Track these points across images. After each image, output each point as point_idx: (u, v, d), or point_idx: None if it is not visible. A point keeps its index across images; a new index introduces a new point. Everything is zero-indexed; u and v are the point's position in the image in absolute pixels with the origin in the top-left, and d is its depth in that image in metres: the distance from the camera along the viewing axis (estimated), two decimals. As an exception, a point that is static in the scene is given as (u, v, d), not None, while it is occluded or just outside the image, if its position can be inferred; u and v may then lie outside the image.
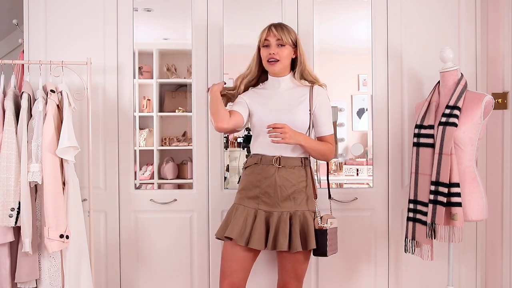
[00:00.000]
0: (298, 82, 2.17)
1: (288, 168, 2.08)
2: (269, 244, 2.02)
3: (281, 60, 2.09)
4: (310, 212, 2.10)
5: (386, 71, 2.57)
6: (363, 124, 2.66)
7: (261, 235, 2.03)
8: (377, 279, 2.59)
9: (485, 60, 2.58)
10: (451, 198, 2.10)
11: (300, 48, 2.14)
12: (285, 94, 2.15)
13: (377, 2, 2.56)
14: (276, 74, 2.15)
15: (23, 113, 2.16)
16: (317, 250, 2.06)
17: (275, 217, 2.05)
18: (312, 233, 2.04)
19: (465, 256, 2.59)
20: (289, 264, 2.09)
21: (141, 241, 2.55)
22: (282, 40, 2.08)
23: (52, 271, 2.21)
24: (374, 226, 2.58)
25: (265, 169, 2.08)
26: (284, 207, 2.06)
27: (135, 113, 2.56)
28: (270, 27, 2.11)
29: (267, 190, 2.07)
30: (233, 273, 2.07)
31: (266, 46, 2.11)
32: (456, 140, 2.12)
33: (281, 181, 2.06)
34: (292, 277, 2.11)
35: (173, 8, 2.60)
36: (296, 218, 2.05)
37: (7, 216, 2.09)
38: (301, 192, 2.09)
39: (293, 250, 2.01)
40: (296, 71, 2.16)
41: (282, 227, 2.03)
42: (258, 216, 2.06)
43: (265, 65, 2.14)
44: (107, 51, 2.53)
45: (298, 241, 2.01)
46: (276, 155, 2.08)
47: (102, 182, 2.53)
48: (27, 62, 2.32)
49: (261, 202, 2.08)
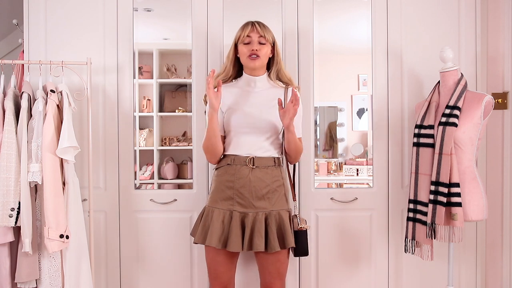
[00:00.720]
0: (274, 82, 2.17)
1: (261, 168, 2.08)
2: (245, 245, 2.01)
3: (261, 57, 2.08)
4: (286, 211, 2.09)
5: (386, 71, 2.57)
6: (363, 124, 2.66)
7: (237, 237, 2.02)
8: (377, 279, 2.59)
9: (485, 60, 2.58)
10: (451, 198, 2.10)
11: (277, 48, 2.15)
12: (260, 94, 2.14)
13: (377, 2, 2.56)
14: (253, 73, 2.14)
15: (23, 113, 2.16)
16: (298, 251, 2.07)
17: (250, 217, 2.04)
18: (289, 232, 2.04)
19: (465, 256, 2.59)
20: (271, 265, 2.07)
21: (141, 241, 2.55)
22: (264, 38, 2.08)
23: (52, 271, 2.21)
24: (374, 226, 2.58)
25: (239, 169, 2.07)
26: (259, 207, 2.05)
27: (135, 113, 2.56)
28: (253, 24, 2.10)
29: (241, 191, 2.06)
30: (220, 275, 2.10)
31: (247, 43, 2.09)
32: (456, 140, 2.12)
33: (255, 181, 2.06)
34: (276, 277, 2.09)
35: (173, 8, 2.60)
36: (272, 218, 2.04)
37: (7, 216, 2.09)
38: (275, 192, 2.08)
39: (271, 251, 2.00)
40: (272, 71, 2.16)
41: (257, 228, 2.02)
42: (234, 218, 2.05)
43: (244, 61, 2.11)
44: (107, 51, 2.53)
45: (276, 241, 2.01)
46: (250, 156, 2.08)
47: (102, 182, 2.53)
48: (27, 62, 2.32)
49: (236, 203, 2.06)
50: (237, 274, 2.43)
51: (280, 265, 2.08)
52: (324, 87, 2.60)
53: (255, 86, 2.15)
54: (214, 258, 2.09)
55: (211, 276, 2.13)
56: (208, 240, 2.03)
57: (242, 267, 2.51)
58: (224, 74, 2.18)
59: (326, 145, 2.70)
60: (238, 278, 2.49)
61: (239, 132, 2.09)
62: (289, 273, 2.55)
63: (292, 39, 2.54)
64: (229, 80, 2.20)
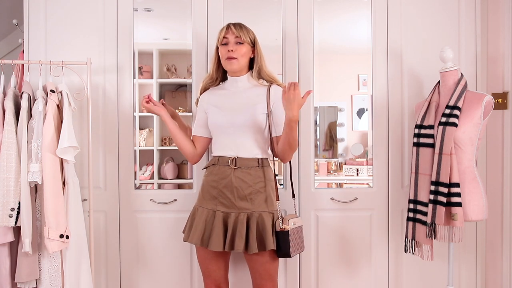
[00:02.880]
0: (256, 81, 2.18)
1: (244, 169, 2.08)
2: (227, 245, 2.02)
3: (238, 58, 2.09)
4: (269, 213, 2.08)
5: (386, 71, 2.57)
6: (363, 124, 2.66)
7: (219, 236, 2.03)
8: (377, 279, 2.59)
9: (485, 60, 2.58)
10: (451, 198, 2.10)
11: (258, 47, 2.15)
12: (243, 94, 2.15)
13: (377, 2, 2.56)
14: (234, 73, 2.16)
15: (23, 113, 2.16)
16: (280, 252, 2.05)
17: (232, 217, 2.05)
18: (270, 234, 2.02)
19: (465, 256, 2.59)
20: (260, 267, 2.07)
21: (141, 241, 2.55)
22: (240, 38, 2.09)
23: (52, 271, 2.21)
24: (374, 226, 2.58)
25: (222, 170, 2.09)
26: (241, 208, 2.05)
27: (135, 113, 2.56)
28: (228, 26, 2.12)
29: (224, 191, 2.07)
30: (212, 273, 2.15)
31: (224, 44, 2.11)
32: (456, 140, 2.12)
33: (237, 182, 2.06)
34: (267, 279, 2.09)
35: (173, 8, 2.60)
36: (253, 220, 2.04)
37: (7, 216, 2.09)
38: (258, 193, 2.08)
39: (249, 252, 2.01)
40: (253, 70, 2.17)
41: (239, 228, 2.02)
42: (216, 217, 2.06)
43: (224, 63, 2.13)
44: (107, 51, 2.53)
45: (255, 242, 2.01)
46: (233, 156, 2.09)
47: (102, 182, 2.53)
48: (27, 62, 2.32)
49: (219, 203, 2.08)
50: (232, 274, 2.47)
51: (269, 265, 2.08)
52: (324, 87, 2.60)
53: (237, 86, 2.17)
54: (204, 256, 2.13)
55: (204, 274, 2.18)
56: (190, 237, 2.07)
57: (238, 267, 2.51)
58: (209, 77, 2.23)
59: (326, 145, 2.70)
60: (234, 278, 2.50)
61: (223, 132, 2.12)
62: (289, 273, 2.56)
63: (292, 39, 2.54)
64: (216, 83, 2.23)
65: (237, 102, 2.14)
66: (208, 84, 2.23)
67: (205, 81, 2.24)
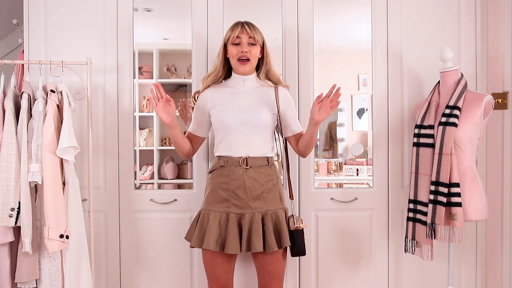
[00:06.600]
0: (263, 81, 2.17)
1: (255, 168, 2.07)
2: (243, 246, 2.00)
3: (251, 60, 2.08)
4: (282, 210, 2.09)
5: (386, 71, 2.57)
6: (363, 124, 2.66)
7: (235, 239, 2.01)
8: (377, 279, 2.59)
9: (485, 60, 2.58)
10: (451, 198, 2.10)
11: (266, 48, 2.14)
12: (250, 93, 2.14)
13: (377, 2, 2.56)
14: (242, 73, 2.13)
15: (23, 113, 2.16)
16: (295, 250, 2.07)
17: (247, 218, 2.03)
18: (286, 231, 2.04)
19: (465, 256, 2.59)
20: (270, 265, 2.06)
21: (141, 241, 2.55)
22: (254, 39, 2.07)
23: (52, 271, 2.21)
24: (374, 226, 2.58)
25: (233, 170, 2.06)
26: (255, 207, 2.04)
27: (135, 113, 2.56)
28: (242, 25, 2.08)
29: (236, 192, 2.05)
30: (219, 277, 2.10)
31: (236, 44, 2.08)
32: (456, 140, 2.12)
33: (250, 182, 2.05)
34: (275, 278, 2.08)
35: (173, 8, 2.60)
36: (268, 218, 2.04)
37: (7, 216, 2.09)
38: (270, 191, 2.08)
39: (268, 250, 1.99)
40: (261, 71, 2.16)
41: (255, 228, 2.01)
42: (230, 220, 2.03)
43: (234, 63, 2.11)
44: (107, 51, 2.53)
45: (273, 240, 2.01)
46: (243, 156, 2.07)
47: (102, 182, 2.53)
48: (27, 62, 2.32)
49: (231, 205, 2.05)
50: (236, 274, 2.45)
51: (279, 265, 2.08)
52: (324, 87, 2.59)
53: (244, 85, 2.15)
54: (212, 261, 2.08)
55: (210, 277, 2.12)
56: (205, 243, 2.01)
57: (241, 268, 2.51)
58: (215, 74, 2.17)
59: (326, 145, 2.70)
60: (237, 279, 2.50)
61: (230, 131, 2.08)
62: (289, 273, 2.55)
63: (292, 39, 2.54)
64: (219, 81, 2.20)
65: (245, 100, 2.12)
66: (214, 80, 2.18)
67: (211, 77, 2.17)
